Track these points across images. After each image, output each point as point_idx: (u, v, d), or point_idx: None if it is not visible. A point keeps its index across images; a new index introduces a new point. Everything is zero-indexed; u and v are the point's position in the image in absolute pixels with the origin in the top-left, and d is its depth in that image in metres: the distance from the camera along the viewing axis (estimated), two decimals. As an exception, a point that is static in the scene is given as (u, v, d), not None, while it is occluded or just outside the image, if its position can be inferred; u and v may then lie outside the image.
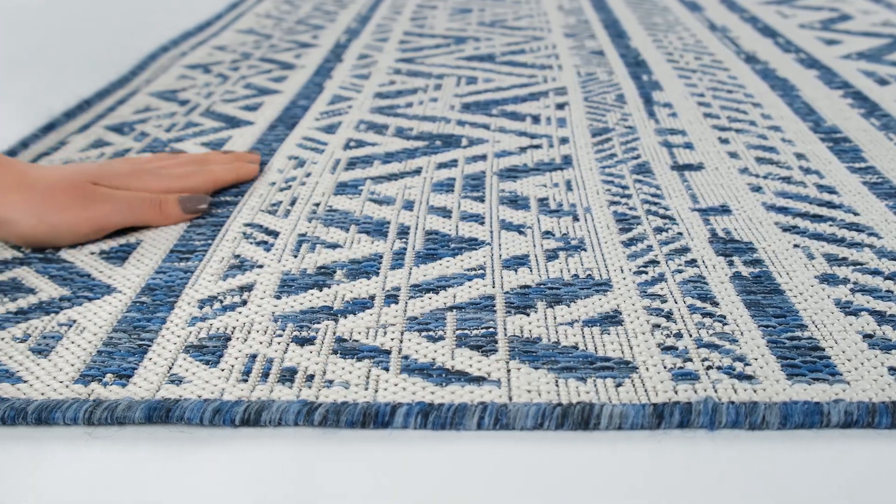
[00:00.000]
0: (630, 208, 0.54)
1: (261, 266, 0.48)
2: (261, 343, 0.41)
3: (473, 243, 0.50)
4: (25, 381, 0.38)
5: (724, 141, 0.65)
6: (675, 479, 0.33)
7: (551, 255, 0.48)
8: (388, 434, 0.35)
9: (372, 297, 0.44)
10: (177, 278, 0.47)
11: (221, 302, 0.44)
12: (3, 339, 0.42)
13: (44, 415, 0.36)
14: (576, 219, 0.53)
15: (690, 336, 0.40)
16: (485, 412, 0.35)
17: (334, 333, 0.41)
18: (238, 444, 0.35)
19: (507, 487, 0.33)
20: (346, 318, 0.43)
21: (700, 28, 1.00)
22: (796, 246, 0.49)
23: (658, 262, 0.47)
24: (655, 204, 0.55)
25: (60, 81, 0.82)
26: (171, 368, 0.39)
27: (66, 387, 0.38)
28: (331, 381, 0.38)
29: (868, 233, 0.50)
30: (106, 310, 0.44)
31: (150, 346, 0.41)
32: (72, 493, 0.33)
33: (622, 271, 0.47)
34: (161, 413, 0.35)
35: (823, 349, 0.39)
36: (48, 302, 0.45)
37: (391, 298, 0.44)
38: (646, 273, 0.46)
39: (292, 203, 0.56)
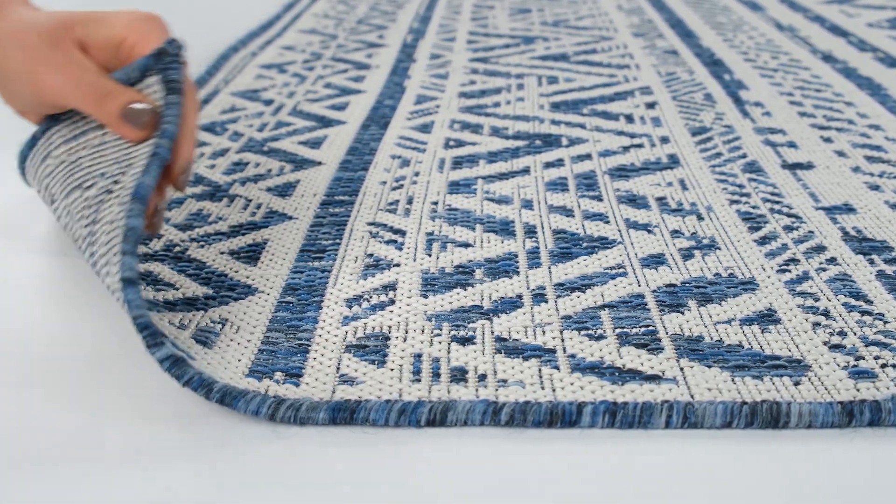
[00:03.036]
0: (752, 207, 0.54)
1: (397, 265, 0.48)
2: (422, 342, 0.40)
3: (605, 242, 0.50)
4: (195, 360, 0.38)
5: (827, 140, 0.65)
6: (871, 478, 0.33)
7: (686, 254, 0.48)
8: (577, 433, 0.35)
9: (519, 296, 0.44)
10: (315, 278, 0.47)
11: (369, 301, 0.44)
12: (163, 319, 0.42)
13: (227, 399, 0.35)
14: (700, 218, 0.53)
15: (854, 334, 0.40)
16: (672, 410, 0.35)
17: (492, 332, 0.41)
18: (423, 445, 0.35)
19: (702, 487, 0.33)
20: (498, 317, 0.42)
21: (767, 27, 1.00)
22: (932, 244, 0.48)
23: (798, 261, 0.47)
24: (777, 203, 0.54)
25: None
26: (338, 368, 0.39)
27: (241, 378, 0.38)
28: (504, 381, 0.38)
29: None
30: (254, 309, 0.44)
31: (309, 345, 0.40)
32: (271, 490, 0.32)
33: (764, 270, 0.46)
34: (345, 414, 0.35)
35: None
36: (193, 299, 0.45)
37: (539, 297, 0.44)
38: (788, 271, 0.46)
39: (409, 202, 0.56)
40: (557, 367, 0.38)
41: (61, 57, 0.43)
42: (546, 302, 0.44)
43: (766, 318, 0.42)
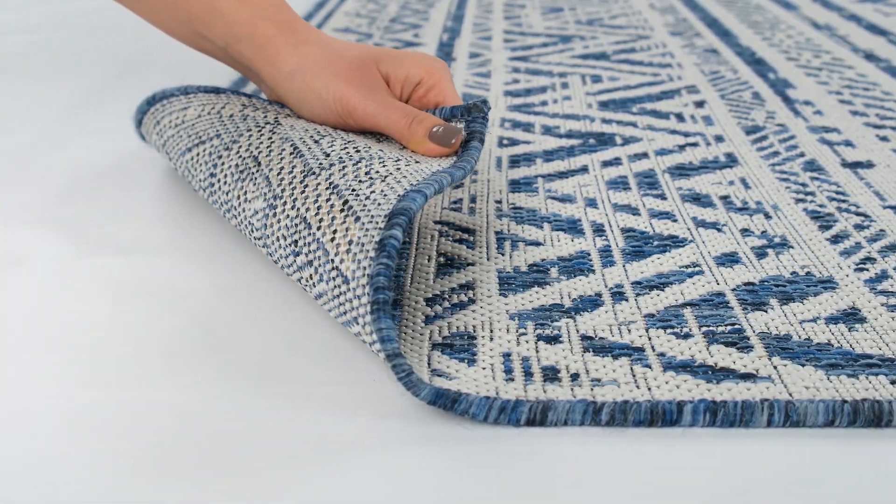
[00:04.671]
0: (819, 205, 0.54)
1: (471, 264, 0.47)
2: (509, 342, 0.40)
3: (676, 240, 0.50)
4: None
5: (884, 139, 0.65)
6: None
7: (760, 253, 0.48)
8: (679, 432, 0.35)
9: (598, 294, 0.44)
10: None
11: (449, 300, 0.44)
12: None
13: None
14: (767, 216, 0.52)
15: (944, 333, 0.40)
16: (773, 409, 0.35)
17: (577, 331, 0.41)
18: (524, 443, 0.35)
19: (807, 486, 0.33)
20: (581, 315, 0.42)
21: (804, 26, 0.99)
22: None
23: (874, 259, 0.47)
24: (843, 201, 0.54)
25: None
26: (430, 365, 0.39)
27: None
28: (598, 380, 0.37)
29: None
30: (335, 308, 0.43)
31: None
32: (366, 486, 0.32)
33: (840, 268, 0.46)
34: (447, 402, 0.35)
35: None
36: (271, 300, 0.44)
37: (619, 296, 0.44)
38: (866, 270, 0.46)
39: (473, 200, 0.55)
40: (649, 366, 0.38)
41: (372, 83, 0.50)
42: (626, 300, 0.44)
43: (851, 316, 0.42)
